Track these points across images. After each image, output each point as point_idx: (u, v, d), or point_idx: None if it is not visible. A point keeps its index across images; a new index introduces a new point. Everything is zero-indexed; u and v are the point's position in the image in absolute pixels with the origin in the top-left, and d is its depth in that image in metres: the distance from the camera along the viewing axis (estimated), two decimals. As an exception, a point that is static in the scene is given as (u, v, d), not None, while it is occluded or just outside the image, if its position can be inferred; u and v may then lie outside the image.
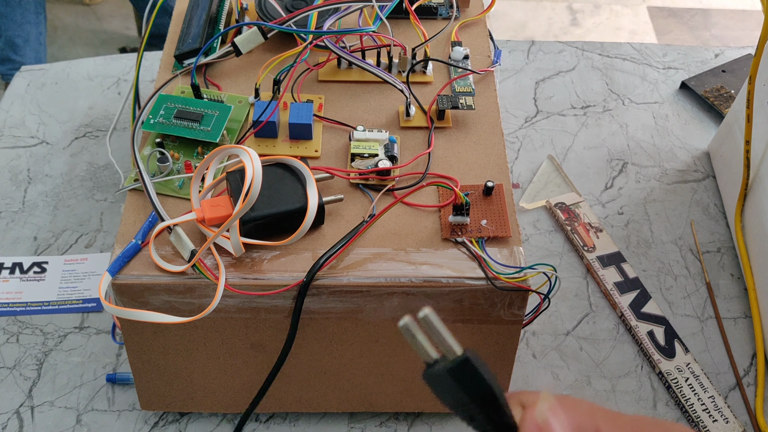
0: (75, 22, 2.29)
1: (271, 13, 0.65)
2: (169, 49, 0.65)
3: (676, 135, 0.87)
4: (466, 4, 0.70)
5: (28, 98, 0.88)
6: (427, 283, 0.50)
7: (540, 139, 0.85)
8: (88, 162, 0.81)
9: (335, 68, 0.64)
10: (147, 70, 0.86)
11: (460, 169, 0.57)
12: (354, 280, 0.50)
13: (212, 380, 0.57)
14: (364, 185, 0.56)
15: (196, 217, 0.51)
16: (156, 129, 0.57)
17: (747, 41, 2.18)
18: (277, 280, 0.50)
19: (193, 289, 0.50)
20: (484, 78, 0.64)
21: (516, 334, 0.55)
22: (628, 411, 0.64)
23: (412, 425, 0.63)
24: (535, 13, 2.35)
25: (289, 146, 0.58)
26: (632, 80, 0.93)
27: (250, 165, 0.48)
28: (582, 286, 0.72)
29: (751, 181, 0.72)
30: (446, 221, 0.53)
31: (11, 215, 0.76)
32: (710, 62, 0.96)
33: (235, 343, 0.54)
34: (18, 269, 0.72)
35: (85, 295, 0.70)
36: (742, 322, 0.70)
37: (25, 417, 0.62)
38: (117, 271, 0.50)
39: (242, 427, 0.60)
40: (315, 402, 0.60)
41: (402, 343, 0.55)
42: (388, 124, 0.60)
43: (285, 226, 0.51)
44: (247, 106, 0.60)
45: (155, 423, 0.62)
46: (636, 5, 2.40)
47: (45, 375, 0.64)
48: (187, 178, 0.55)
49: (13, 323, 0.68)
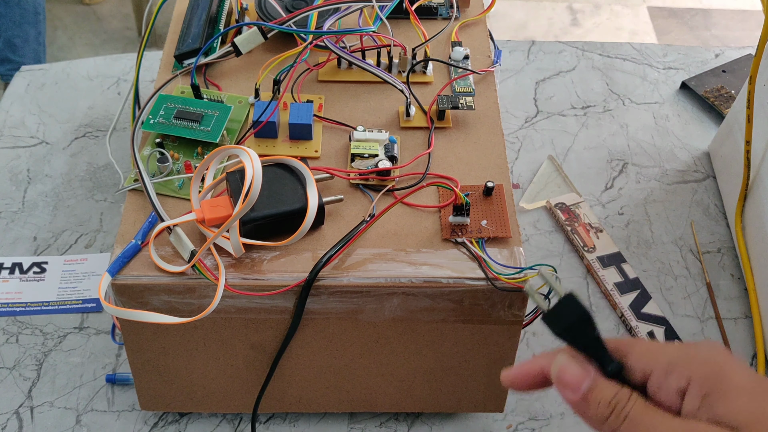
0: (75, 22, 2.29)
1: (271, 13, 0.65)
2: (169, 49, 0.65)
3: (677, 135, 0.87)
4: (466, 4, 0.70)
5: (28, 98, 0.88)
6: (427, 283, 0.50)
7: (540, 140, 0.85)
8: (88, 162, 0.81)
9: (335, 68, 0.64)
10: (147, 70, 0.86)
11: (460, 169, 0.57)
12: (354, 280, 0.50)
13: (212, 380, 0.57)
14: (364, 185, 0.56)
15: (195, 218, 0.51)
16: (156, 129, 0.57)
17: (747, 41, 2.18)
18: (277, 281, 0.50)
19: (193, 290, 0.50)
20: (484, 78, 0.64)
21: (516, 335, 0.54)
22: (629, 411, 0.64)
23: (412, 425, 0.62)
24: (536, 13, 2.36)
25: (289, 146, 0.58)
26: (632, 80, 0.93)
27: (250, 165, 0.48)
28: (582, 287, 0.72)
29: (752, 181, 0.72)
30: (446, 221, 0.53)
31: (11, 215, 0.76)
32: (710, 62, 0.95)
33: (235, 344, 0.54)
34: (18, 269, 0.72)
35: (85, 295, 0.70)
36: (742, 323, 0.70)
37: (25, 417, 0.62)
38: (117, 271, 0.50)
39: (254, 428, 0.59)
40: (315, 402, 0.60)
41: (402, 342, 0.55)
42: (388, 124, 0.60)
43: (285, 227, 0.51)
44: (247, 107, 0.60)
45: (155, 423, 0.62)
46: (636, 5, 2.40)
47: (45, 375, 0.64)
48: (187, 179, 0.55)
49: (13, 323, 0.68)
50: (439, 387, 0.58)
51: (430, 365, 0.57)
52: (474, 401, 0.60)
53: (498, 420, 0.63)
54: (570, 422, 0.63)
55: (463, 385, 0.58)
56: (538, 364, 0.39)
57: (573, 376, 0.36)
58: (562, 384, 0.37)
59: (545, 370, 0.38)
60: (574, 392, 0.36)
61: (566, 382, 0.36)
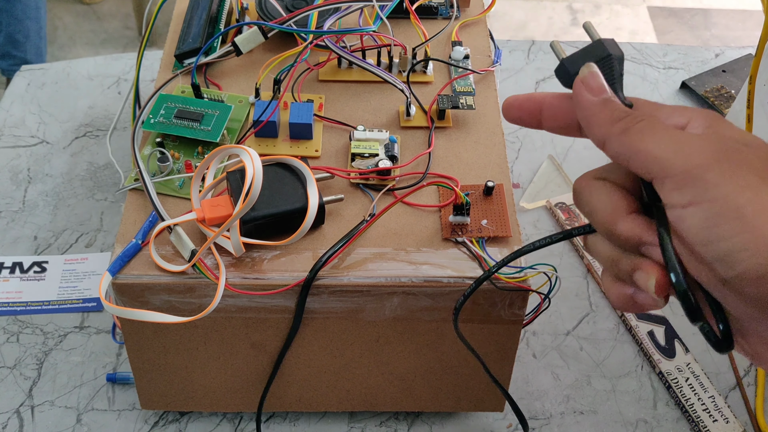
0: (75, 21, 2.29)
1: (271, 12, 0.65)
2: (169, 49, 0.65)
3: (677, 135, 0.87)
4: (466, 3, 0.70)
5: (28, 98, 0.88)
6: (427, 283, 0.50)
7: (540, 139, 0.85)
8: (88, 161, 0.81)
9: (335, 68, 0.64)
10: (147, 70, 0.86)
11: (461, 169, 0.57)
12: (354, 279, 0.50)
13: (212, 380, 0.57)
14: (364, 185, 0.56)
15: (196, 217, 0.51)
16: (156, 128, 0.57)
17: (747, 41, 2.18)
18: (277, 280, 0.50)
19: (193, 289, 0.50)
20: (484, 78, 0.64)
21: (516, 334, 0.55)
22: (628, 411, 0.64)
23: (412, 425, 0.63)
24: (536, 13, 2.36)
25: (289, 146, 0.58)
26: (632, 80, 0.93)
27: (250, 165, 0.48)
28: (582, 286, 0.72)
29: (752, 181, 0.72)
30: (446, 221, 0.53)
31: (11, 215, 0.76)
32: (710, 62, 0.96)
33: (235, 343, 0.54)
34: (18, 269, 0.72)
35: (86, 294, 0.70)
36: (742, 322, 0.70)
37: (26, 416, 0.62)
38: (117, 270, 0.50)
39: (259, 427, 0.59)
40: (315, 402, 0.60)
41: (402, 342, 0.55)
42: (389, 123, 0.60)
43: (285, 226, 0.51)
44: (247, 106, 0.60)
45: (155, 422, 0.62)
46: (636, 5, 2.40)
47: (45, 374, 0.64)
48: (187, 178, 0.55)
49: (13, 323, 0.68)
50: (439, 386, 0.58)
51: (430, 365, 0.57)
52: (474, 401, 0.60)
53: (498, 420, 0.63)
54: (570, 422, 0.63)
55: (463, 385, 0.58)
56: (539, 98, 0.38)
57: (598, 82, 0.36)
58: (586, 84, 0.36)
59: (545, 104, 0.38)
60: (595, 93, 0.35)
61: (591, 85, 0.36)
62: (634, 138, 0.33)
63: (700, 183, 0.31)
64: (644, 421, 0.63)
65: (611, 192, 0.36)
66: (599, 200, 0.36)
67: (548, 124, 0.39)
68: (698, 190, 0.31)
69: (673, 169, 0.32)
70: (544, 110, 0.38)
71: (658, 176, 0.32)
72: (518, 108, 0.39)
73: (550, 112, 0.38)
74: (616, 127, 0.34)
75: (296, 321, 0.52)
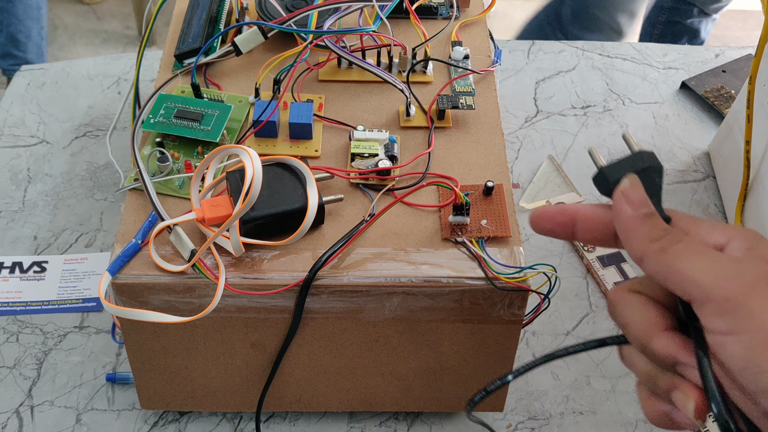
0: (75, 21, 2.29)
1: (271, 12, 0.65)
2: (169, 49, 0.65)
3: (677, 135, 0.87)
4: (466, 3, 0.70)
5: (28, 97, 0.88)
6: (427, 283, 0.50)
7: (540, 139, 0.85)
8: (88, 161, 0.81)
9: (335, 68, 0.64)
10: (147, 70, 0.86)
11: (460, 169, 0.57)
12: (354, 279, 0.50)
13: (212, 380, 0.57)
14: (364, 185, 0.56)
15: (196, 217, 0.51)
16: (156, 128, 0.57)
17: (747, 41, 2.17)
18: (277, 280, 0.50)
19: (193, 289, 0.50)
20: (484, 78, 0.64)
21: (516, 334, 0.55)
22: (628, 411, 0.64)
23: (412, 425, 0.63)
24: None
25: (289, 146, 0.58)
26: (632, 80, 0.93)
27: (250, 165, 0.48)
28: (582, 286, 0.72)
29: (751, 181, 0.72)
30: (446, 221, 0.53)
31: (11, 214, 0.76)
32: (710, 62, 0.96)
33: (235, 343, 0.54)
34: (18, 268, 0.72)
35: (85, 294, 0.70)
36: (742, 323, 0.70)
37: (25, 416, 0.62)
38: (117, 270, 0.50)
39: (259, 427, 0.59)
40: (315, 402, 0.60)
41: (402, 342, 0.55)
42: (388, 123, 0.60)
43: (285, 226, 0.51)
44: (247, 106, 0.60)
45: (155, 422, 0.62)
46: (636, 5, 2.40)
47: (45, 374, 0.64)
48: (187, 178, 0.55)
49: (13, 323, 0.68)
50: (438, 386, 0.58)
51: (430, 365, 0.57)
52: (474, 401, 0.60)
53: (498, 420, 0.63)
54: (570, 422, 0.63)
55: (463, 385, 0.58)
56: (571, 210, 0.37)
57: (639, 195, 0.35)
58: (626, 197, 0.35)
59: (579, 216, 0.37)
60: (636, 207, 0.35)
61: (631, 198, 0.35)
62: (672, 259, 0.33)
63: (741, 311, 0.30)
64: (644, 421, 0.63)
65: (647, 307, 0.35)
66: (633, 314, 0.35)
67: (583, 236, 0.38)
68: (740, 319, 0.30)
69: (713, 294, 0.31)
70: (579, 223, 0.37)
71: (697, 299, 0.31)
72: (549, 220, 0.38)
73: (586, 225, 0.37)
74: (655, 245, 0.34)
75: (296, 321, 0.52)
